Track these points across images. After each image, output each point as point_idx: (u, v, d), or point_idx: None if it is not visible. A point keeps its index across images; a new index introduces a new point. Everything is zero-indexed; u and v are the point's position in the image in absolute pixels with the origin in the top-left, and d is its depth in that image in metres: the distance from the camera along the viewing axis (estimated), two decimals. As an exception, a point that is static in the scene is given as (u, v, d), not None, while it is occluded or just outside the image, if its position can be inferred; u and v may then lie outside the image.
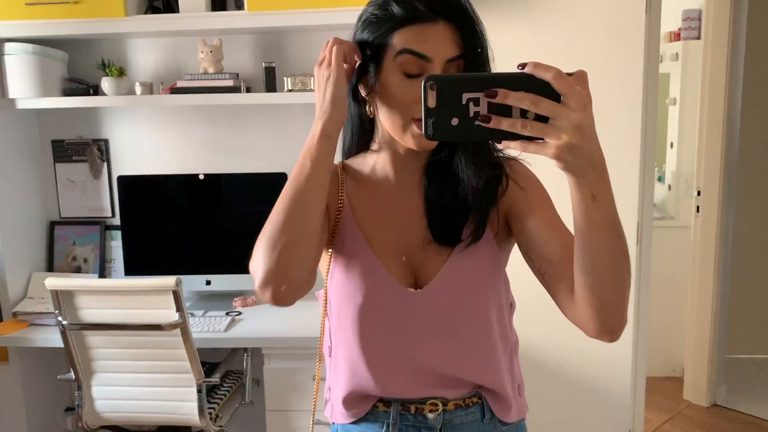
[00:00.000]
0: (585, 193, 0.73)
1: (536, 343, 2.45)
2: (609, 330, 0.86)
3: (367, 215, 1.04)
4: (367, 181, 1.05)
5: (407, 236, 1.02)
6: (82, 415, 2.18)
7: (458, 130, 0.71)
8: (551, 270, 0.93)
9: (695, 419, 3.25)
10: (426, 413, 1.03)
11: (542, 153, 0.70)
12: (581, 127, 0.67)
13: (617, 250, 0.79)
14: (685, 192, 3.55)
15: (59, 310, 2.03)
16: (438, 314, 1.00)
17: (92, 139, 2.66)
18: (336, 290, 1.03)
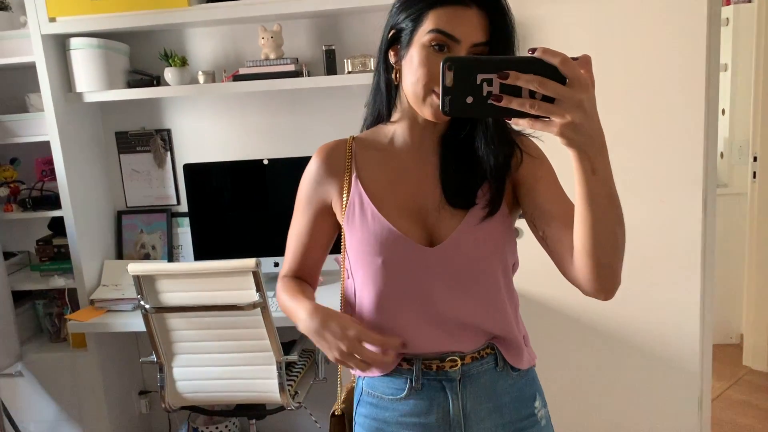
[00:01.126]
0: (586, 166, 0.81)
1: (607, 313, 2.47)
2: (605, 289, 0.96)
3: (380, 183, 1.13)
4: (382, 150, 1.15)
5: (422, 199, 1.11)
6: (165, 396, 2.26)
7: (472, 108, 0.78)
8: (553, 234, 1.02)
9: (758, 384, 3.24)
10: (447, 369, 1.12)
11: (548, 130, 0.77)
12: (583, 107, 0.74)
13: (614, 218, 0.87)
14: (739, 159, 3.51)
15: (141, 295, 2.10)
16: (453, 269, 1.09)
17: (155, 129, 2.72)
18: (355, 256, 1.12)
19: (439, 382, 1.13)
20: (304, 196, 1.20)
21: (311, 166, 1.19)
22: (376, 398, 1.18)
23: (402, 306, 1.11)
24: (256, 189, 2.58)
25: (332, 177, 1.16)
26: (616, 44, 2.31)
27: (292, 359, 2.17)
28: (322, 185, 1.17)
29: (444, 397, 1.13)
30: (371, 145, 1.17)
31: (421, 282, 1.09)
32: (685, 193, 2.39)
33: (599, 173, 0.81)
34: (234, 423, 2.76)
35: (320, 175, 1.17)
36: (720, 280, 3.53)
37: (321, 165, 1.18)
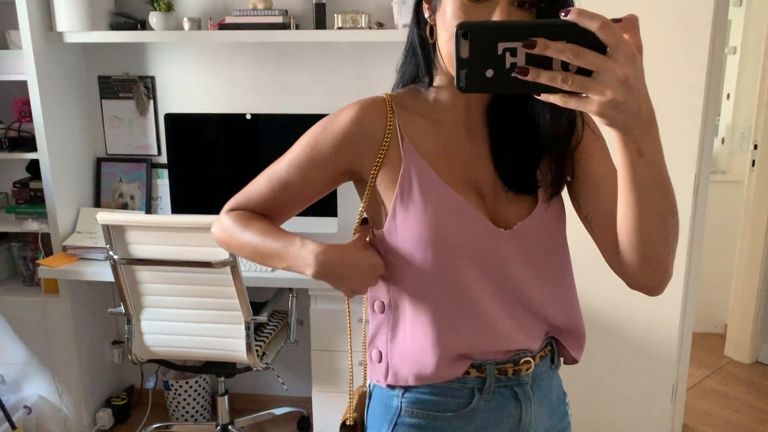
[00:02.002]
0: (630, 149, 0.69)
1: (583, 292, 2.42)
2: (652, 285, 0.86)
3: (434, 156, 0.94)
4: (428, 117, 0.97)
5: (477, 177, 0.95)
6: (132, 348, 2.23)
7: (493, 83, 0.66)
8: (599, 218, 0.90)
9: (736, 375, 3.21)
10: (522, 373, 0.97)
11: (584, 109, 0.65)
12: (628, 81, 0.62)
13: (664, 207, 0.76)
14: (740, 146, 3.43)
15: (110, 245, 2.05)
16: (529, 255, 0.95)
17: (139, 75, 2.63)
18: (412, 242, 0.92)
19: (511, 388, 0.98)
20: (320, 150, 0.96)
21: (343, 119, 0.95)
22: (425, 418, 0.98)
23: (478, 298, 0.93)
24: (238, 144, 2.51)
25: (368, 144, 0.95)
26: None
27: (261, 320, 2.14)
28: (354, 146, 0.95)
29: (516, 406, 0.98)
30: (414, 110, 0.97)
31: (499, 269, 0.94)
32: (676, 177, 2.31)
33: (646, 156, 0.69)
34: (204, 379, 2.74)
35: (355, 134, 0.95)
36: (709, 268, 3.49)
37: (358, 122, 0.94)
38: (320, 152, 0.97)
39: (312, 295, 2.24)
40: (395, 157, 0.94)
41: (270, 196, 1.02)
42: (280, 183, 1.00)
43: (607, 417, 2.55)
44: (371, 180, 0.96)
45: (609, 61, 0.62)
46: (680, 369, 2.56)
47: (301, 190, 1.00)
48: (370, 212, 1.00)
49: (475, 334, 0.94)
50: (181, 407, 2.71)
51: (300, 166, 0.98)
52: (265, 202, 1.03)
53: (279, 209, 1.03)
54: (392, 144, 0.94)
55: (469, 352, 0.95)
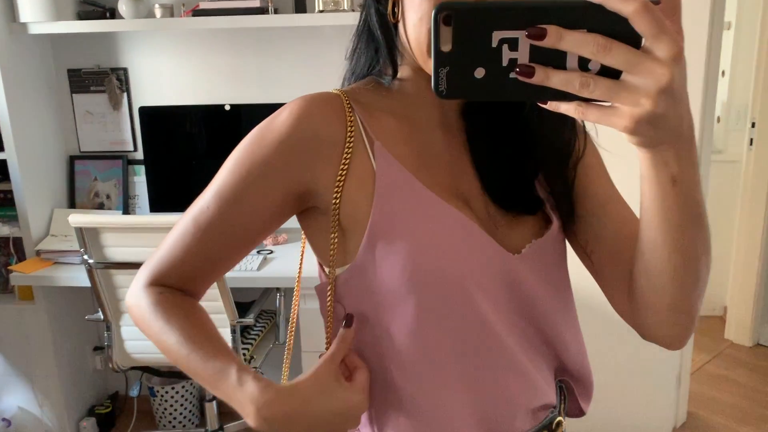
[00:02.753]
0: (662, 174, 0.53)
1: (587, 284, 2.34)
2: (673, 337, 0.69)
3: (407, 156, 0.71)
4: (392, 113, 0.74)
5: (462, 185, 0.73)
6: (112, 356, 2.12)
7: (484, 86, 0.49)
8: (603, 249, 0.73)
9: (738, 358, 3.15)
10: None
11: (609, 123, 0.48)
12: (671, 87, 0.45)
13: (698, 246, 0.59)
14: (736, 124, 3.34)
15: (84, 248, 1.93)
16: (543, 283, 0.74)
17: (110, 68, 2.50)
18: (396, 271, 0.68)
19: None
20: (258, 170, 0.70)
21: (285, 122, 0.70)
22: None
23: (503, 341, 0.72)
24: (217, 136, 2.39)
25: (326, 146, 0.70)
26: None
27: (247, 322, 2.03)
28: (305, 156, 0.70)
29: None
30: (375, 107, 0.74)
31: (517, 302, 0.73)
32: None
33: (682, 184, 0.53)
34: (192, 384, 2.63)
35: (305, 139, 0.69)
36: (707, 250, 3.41)
37: (308, 122, 0.70)
38: (258, 174, 0.70)
39: (301, 294, 2.13)
40: (363, 167, 0.70)
41: (200, 254, 0.74)
42: (210, 232, 0.73)
43: (609, 405, 2.48)
44: (335, 199, 0.70)
45: (646, 58, 0.45)
46: (683, 354, 2.49)
47: (239, 235, 0.73)
48: (323, 246, 0.73)
49: (507, 388, 0.73)
50: (168, 414, 2.60)
51: (233, 201, 0.71)
52: (194, 264, 0.75)
53: (213, 266, 0.76)
54: (357, 149, 0.70)
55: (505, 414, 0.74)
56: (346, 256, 0.72)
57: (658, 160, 0.52)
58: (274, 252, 2.32)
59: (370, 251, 0.69)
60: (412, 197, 0.69)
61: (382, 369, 0.73)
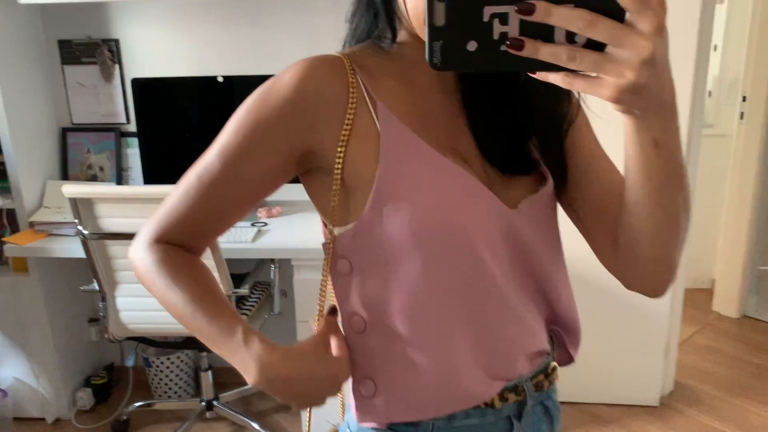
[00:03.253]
0: (645, 138, 0.57)
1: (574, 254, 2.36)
2: (654, 288, 0.75)
3: (409, 117, 0.74)
4: (393, 76, 0.76)
5: (460, 146, 0.75)
6: (108, 326, 2.14)
7: (477, 59, 0.51)
8: (589, 205, 0.77)
9: (726, 330, 3.21)
10: (553, 384, 0.84)
11: (594, 93, 0.52)
12: (653, 59, 0.48)
13: (678, 202, 0.64)
14: (727, 98, 3.36)
15: (79, 219, 1.94)
16: (540, 237, 0.78)
17: (102, 39, 2.48)
18: (404, 227, 0.70)
19: (542, 404, 0.83)
20: (263, 130, 0.72)
21: (290, 83, 0.71)
22: None
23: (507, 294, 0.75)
24: (210, 108, 2.39)
25: (330, 107, 0.72)
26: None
27: (242, 293, 2.05)
28: (309, 116, 0.72)
29: (548, 423, 0.84)
30: (377, 70, 0.75)
31: (518, 255, 0.76)
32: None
33: (663, 146, 0.57)
34: (186, 354, 2.66)
35: (309, 100, 0.71)
36: (697, 223, 3.44)
37: (312, 84, 0.71)
38: (263, 134, 0.72)
39: (295, 265, 2.15)
40: (367, 127, 0.72)
41: (203, 210, 0.76)
42: (214, 189, 0.75)
43: (598, 374, 2.53)
44: (339, 158, 0.72)
45: (630, 32, 0.48)
46: (672, 325, 2.53)
47: (242, 192, 0.76)
48: (328, 205, 0.75)
49: (508, 334, 0.76)
50: (164, 384, 2.63)
51: (237, 159, 0.73)
52: (197, 220, 0.77)
53: (216, 222, 0.78)
54: (360, 110, 0.72)
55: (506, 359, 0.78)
56: (351, 214, 0.74)
57: (641, 125, 0.56)
58: (269, 224, 2.34)
59: (377, 207, 0.71)
60: (417, 155, 0.71)
61: (388, 322, 0.75)
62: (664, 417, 2.49)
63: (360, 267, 0.75)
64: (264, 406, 2.63)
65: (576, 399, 2.56)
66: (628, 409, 2.53)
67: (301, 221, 2.35)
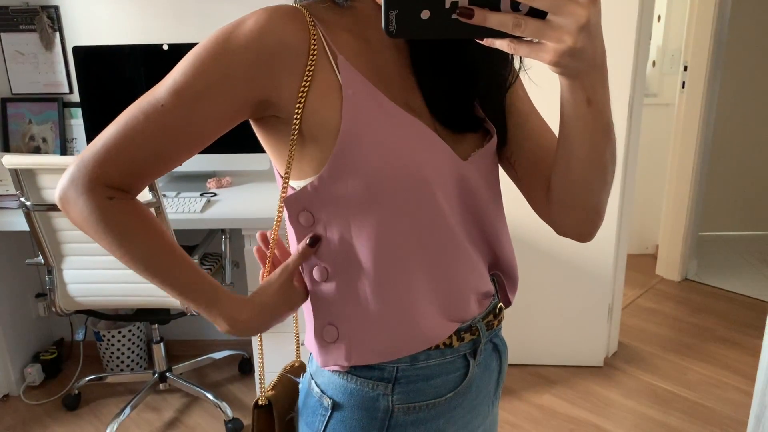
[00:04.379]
0: (578, 96, 0.63)
1: (520, 218, 2.42)
2: (587, 231, 0.81)
3: (366, 71, 0.75)
4: (350, 30, 0.77)
5: (413, 102, 0.78)
6: (55, 300, 2.10)
7: (429, 26, 0.56)
8: (524, 159, 0.83)
9: (668, 293, 3.34)
10: (501, 321, 0.89)
11: (536, 57, 0.57)
12: (588, 25, 0.54)
13: (607, 154, 0.70)
14: (671, 68, 3.45)
15: (21, 191, 1.89)
16: (487, 186, 0.83)
17: (40, 6, 2.40)
18: (368, 176, 0.72)
19: (491, 341, 0.88)
20: (221, 74, 0.70)
21: (252, 28, 0.70)
22: (424, 410, 0.82)
23: (459, 238, 0.80)
24: (156, 77, 2.33)
25: (291, 56, 0.71)
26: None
27: (192, 263, 2.03)
28: (270, 64, 0.71)
29: (497, 359, 0.90)
30: (335, 25, 0.76)
31: (468, 202, 0.81)
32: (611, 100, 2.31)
33: (595, 103, 0.64)
34: (138, 327, 2.64)
35: (270, 47, 0.70)
36: (641, 190, 3.56)
37: (274, 31, 0.70)
38: (221, 78, 0.71)
39: (246, 235, 2.14)
40: (327, 79, 0.73)
41: (148, 150, 0.73)
42: (163, 128, 0.72)
43: (545, 337, 2.61)
44: (297, 110, 0.72)
45: (568, 1, 0.54)
46: (615, 289, 2.63)
47: (192, 134, 0.73)
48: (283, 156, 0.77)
49: (462, 278, 0.81)
50: (116, 357, 2.61)
51: (191, 100, 0.71)
52: (140, 160, 0.73)
53: (159, 163, 0.74)
54: (320, 62, 0.73)
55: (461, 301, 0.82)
56: (310, 166, 0.75)
57: (576, 86, 0.62)
58: (218, 195, 2.32)
59: (341, 158, 0.72)
60: (377, 107, 0.73)
61: (351, 270, 0.78)
62: (608, 376, 2.59)
63: (323, 219, 0.77)
64: (218, 377, 2.64)
65: (524, 361, 2.64)
66: (575, 370, 2.62)
67: (251, 191, 2.34)
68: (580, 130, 0.67)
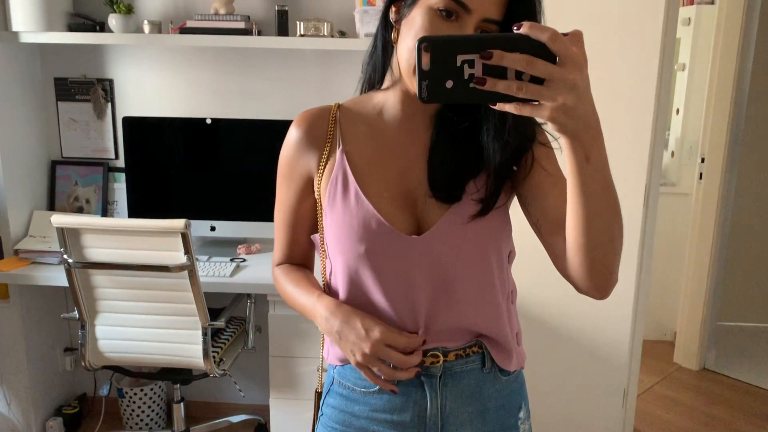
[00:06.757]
0: (579, 154, 0.74)
1: (537, 299, 2.48)
2: (599, 288, 0.89)
3: (365, 159, 1.01)
4: (371, 122, 1.02)
5: (411, 181, 1.00)
6: (85, 354, 2.19)
7: (453, 93, 0.70)
8: (548, 224, 0.93)
9: (685, 381, 3.32)
10: (427, 365, 1.01)
11: (537, 115, 0.69)
12: (577, 88, 0.67)
13: (609, 210, 0.80)
14: (689, 159, 3.55)
15: (65, 248, 2.01)
16: (438, 261, 0.98)
17: (96, 78, 2.60)
18: (334, 239, 1.00)
19: (418, 377, 1.02)
20: (285, 169, 1.06)
21: (291, 134, 1.05)
22: (347, 389, 1.07)
23: (384, 298, 1.00)
24: (197, 148, 2.50)
25: (313, 148, 1.03)
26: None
27: (218, 326, 2.12)
28: (302, 156, 1.03)
29: (421, 395, 1.02)
30: (358, 116, 1.04)
31: (405, 274, 0.98)
32: (628, 188, 2.40)
33: (594, 161, 0.74)
34: (160, 386, 2.70)
35: (300, 145, 1.03)
36: (659, 278, 3.59)
37: (302, 133, 1.03)
38: (286, 171, 1.06)
39: (271, 300, 2.23)
40: (332, 163, 1.02)
41: (292, 240, 1.12)
42: (288, 224, 1.10)
43: (560, 420, 2.61)
44: (317, 181, 1.03)
45: (559, 69, 0.66)
46: (631, 374, 2.63)
47: (300, 216, 1.09)
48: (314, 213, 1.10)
49: None
50: (135, 415, 2.66)
51: (287, 197, 1.08)
52: (292, 246, 1.12)
53: (300, 249, 1.13)
54: (332, 151, 1.02)
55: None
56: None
57: (576, 144, 0.73)
58: (247, 260, 2.43)
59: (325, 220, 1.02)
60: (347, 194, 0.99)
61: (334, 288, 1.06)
62: (622, 462, 2.56)
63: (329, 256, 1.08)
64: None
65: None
66: (588, 454, 2.60)
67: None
68: (584, 187, 0.77)
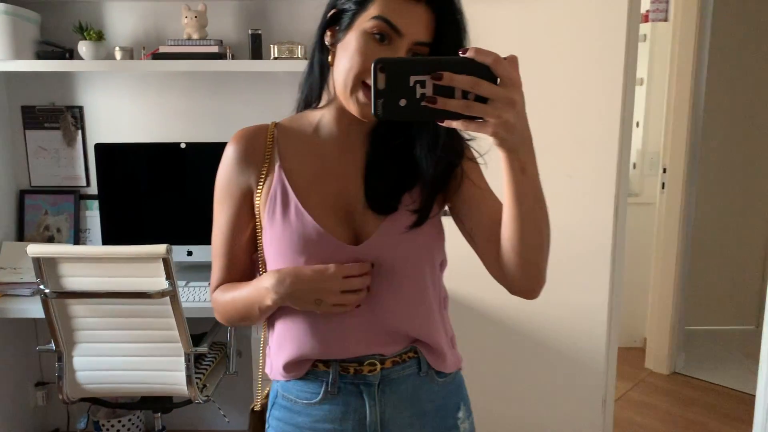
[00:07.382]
0: (515, 166, 0.82)
1: (515, 311, 2.52)
2: (530, 288, 0.98)
3: (303, 175, 1.04)
4: (307, 139, 1.06)
5: (348, 196, 1.04)
6: (63, 387, 2.13)
7: (406, 110, 0.75)
8: (482, 232, 1.00)
9: (657, 386, 3.40)
10: (365, 373, 1.05)
11: (481, 131, 0.77)
12: (516, 106, 0.74)
13: (540, 217, 0.89)
14: (650, 170, 3.67)
15: (41, 278, 1.97)
16: (376, 270, 1.02)
17: (66, 105, 2.57)
18: (274, 253, 1.03)
19: (357, 386, 1.06)
20: (223, 188, 1.07)
21: (228, 152, 1.07)
22: (290, 402, 1.09)
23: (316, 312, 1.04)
24: (172, 173, 2.48)
25: (252, 165, 1.05)
26: (537, 55, 2.35)
27: (201, 351, 2.10)
28: (241, 173, 1.05)
29: (360, 403, 1.06)
30: (295, 133, 1.07)
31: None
32: (598, 201, 2.47)
33: (528, 173, 0.83)
34: (138, 417, 2.64)
35: (239, 162, 1.05)
36: (627, 285, 3.68)
37: (239, 151, 1.06)
38: (224, 190, 1.07)
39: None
40: (271, 180, 1.05)
41: (231, 261, 1.10)
42: (227, 245, 1.09)
43: (538, 430, 2.64)
44: (257, 199, 1.05)
45: (502, 89, 0.73)
46: (608, 381, 2.69)
47: (238, 236, 1.08)
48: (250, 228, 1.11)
49: (313, 340, 1.04)
50: (113, 448, 2.60)
51: (226, 217, 1.08)
52: (230, 268, 1.10)
53: (239, 271, 1.10)
54: (270, 168, 1.05)
55: (313, 355, 1.05)
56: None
57: (513, 156, 0.81)
58: (226, 284, 2.41)
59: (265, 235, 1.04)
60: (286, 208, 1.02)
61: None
62: (603, 469, 2.61)
63: None
64: (215, 469, 2.63)
65: (521, 453, 2.66)
66: (570, 462, 2.64)
67: (258, 282, 2.43)
68: (519, 196, 0.85)
